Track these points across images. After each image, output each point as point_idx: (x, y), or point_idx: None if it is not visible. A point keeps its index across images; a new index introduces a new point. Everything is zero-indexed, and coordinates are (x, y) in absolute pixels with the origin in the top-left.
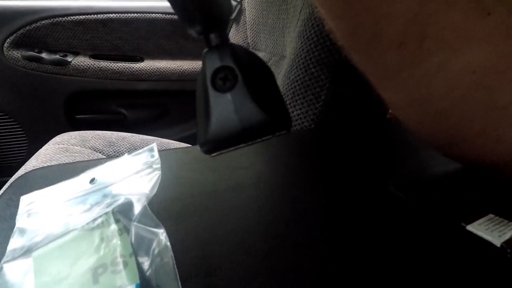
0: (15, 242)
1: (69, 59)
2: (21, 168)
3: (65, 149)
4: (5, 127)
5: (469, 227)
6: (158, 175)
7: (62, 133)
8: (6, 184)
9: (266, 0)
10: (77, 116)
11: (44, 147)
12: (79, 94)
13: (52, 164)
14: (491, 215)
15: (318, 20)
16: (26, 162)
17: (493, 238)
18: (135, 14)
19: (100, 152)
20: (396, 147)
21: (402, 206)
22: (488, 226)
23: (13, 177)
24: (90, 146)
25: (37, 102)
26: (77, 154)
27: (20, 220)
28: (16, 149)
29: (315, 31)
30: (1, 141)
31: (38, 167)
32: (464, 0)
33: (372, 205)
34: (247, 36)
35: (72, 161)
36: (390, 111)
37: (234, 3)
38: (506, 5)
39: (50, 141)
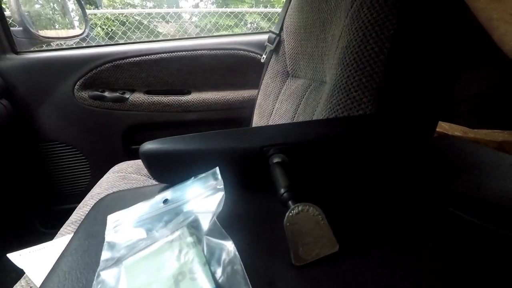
0: (106, 254)
1: (126, 95)
2: (87, 195)
3: (123, 177)
4: (73, 159)
5: None
6: (222, 194)
7: (119, 162)
8: (77, 208)
9: (304, 30)
10: (132, 147)
11: (105, 176)
12: (134, 127)
13: (113, 190)
14: None
15: (357, 48)
16: (91, 190)
17: None
18: (183, 52)
19: (153, 179)
20: (446, 165)
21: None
22: None
23: (81, 202)
24: (144, 174)
25: (99, 135)
26: (134, 181)
27: (109, 236)
28: (81, 178)
29: (354, 58)
30: (69, 171)
31: (101, 193)
32: None
33: (430, 226)
34: (286, 65)
35: (130, 187)
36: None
37: (273, 35)
38: None
39: (110, 170)
